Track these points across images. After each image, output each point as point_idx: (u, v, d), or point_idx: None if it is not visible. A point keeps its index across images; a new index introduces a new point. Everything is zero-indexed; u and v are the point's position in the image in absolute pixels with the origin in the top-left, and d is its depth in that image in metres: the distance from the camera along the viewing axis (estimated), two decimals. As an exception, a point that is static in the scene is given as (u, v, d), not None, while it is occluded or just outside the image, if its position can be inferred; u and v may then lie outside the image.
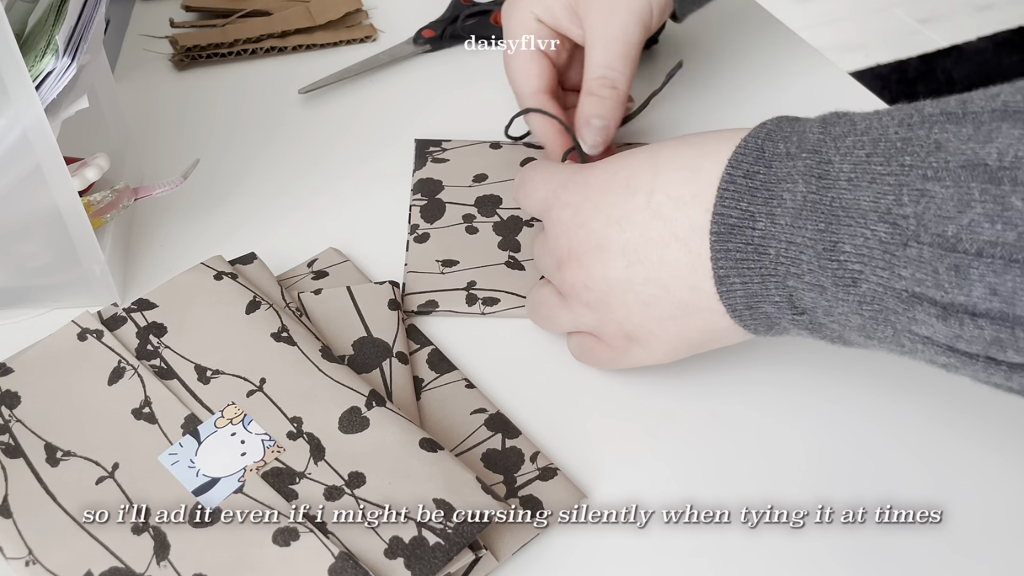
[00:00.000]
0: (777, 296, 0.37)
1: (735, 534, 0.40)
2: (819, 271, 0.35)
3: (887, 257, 0.33)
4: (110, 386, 0.41)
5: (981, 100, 0.32)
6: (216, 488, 0.38)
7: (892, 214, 0.32)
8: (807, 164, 0.35)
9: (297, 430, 0.40)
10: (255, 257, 0.48)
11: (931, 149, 0.32)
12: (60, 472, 0.39)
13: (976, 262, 0.30)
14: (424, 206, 0.54)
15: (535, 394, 0.45)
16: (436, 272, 0.50)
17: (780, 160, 0.36)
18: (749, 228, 0.36)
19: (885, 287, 0.33)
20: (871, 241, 0.33)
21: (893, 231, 0.32)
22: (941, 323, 0.32)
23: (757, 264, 0.36)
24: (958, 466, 0.43)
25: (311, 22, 0.69)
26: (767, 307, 0.37)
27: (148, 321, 0.44)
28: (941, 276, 0.31)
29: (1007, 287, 0.30)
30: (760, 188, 0.36)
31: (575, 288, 0.42)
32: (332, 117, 0.62)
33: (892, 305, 0.33)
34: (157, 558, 0.36)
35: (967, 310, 0.31)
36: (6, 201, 0.43)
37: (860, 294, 0.34)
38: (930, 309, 0.32)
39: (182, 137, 0.61)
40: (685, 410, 0.45)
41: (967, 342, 0.32)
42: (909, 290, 0.32)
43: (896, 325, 0.34)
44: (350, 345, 0.45)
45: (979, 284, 0.30)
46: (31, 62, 0.41)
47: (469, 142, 0.59)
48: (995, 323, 0.31)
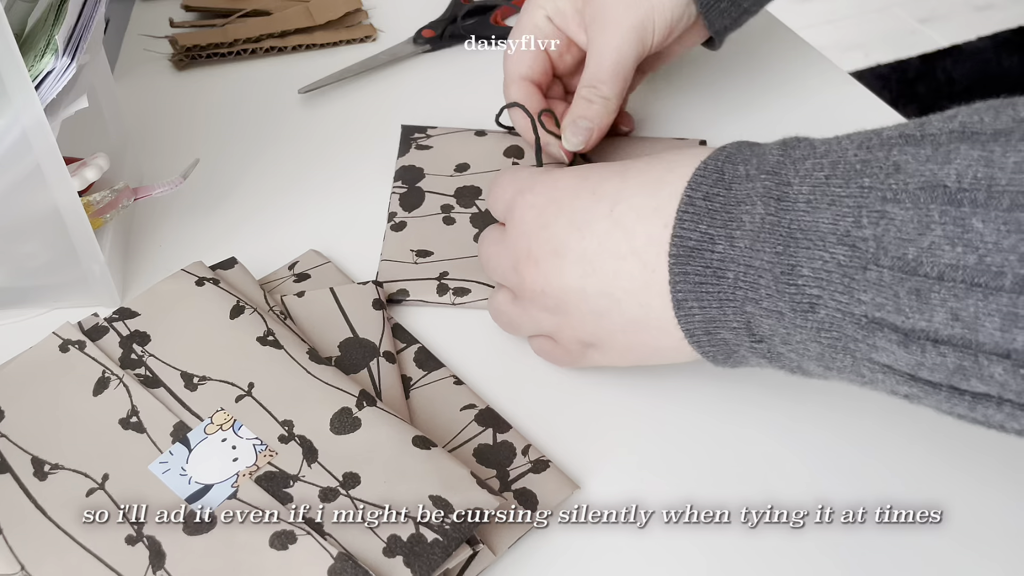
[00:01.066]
0: (735, 322, 0.36)
1: (733, 531, 0.40)
2: (777, 296, 0.34)
3: (846, 281, 0.32)
4: (95, 397, 0.41)
5: (939, 122, 0.32)
6: (209, 495, 0.38)
7: (851, 236, 0.32)
8: (766, 186, 0.35)
9: (288, 433, 0.40)
10: (236, 262, 0.48)
11: (890, 171, 0.31)
12: (49, 486, 0.38)
13: (937, 286, 0.30)
14: (404, 194, 0.54)
15: (523, 388, 0.45)
16: (410, 262, 0.50)
17: (739, 182, 0.36)
18: (708, 251, 0.36)
19: (844, 312, 0.32)
20: (829, 264, 0.32)
21: (852, 254, 0.32)
22: (903, 350, 0.31)
23: (715, 288, 0.36)
24: (958, 466, 0.42)
25: (311, 22, 0.69)
26: (725, 333, 0.37)
27: (131, 330, 0.44)
28: (902, 300, 0.30)
29: (969, 312, 0.29)
30: (719, 210, 0.36)
31: (533, 293, 0.42)
32: (332, 117, 0.62)
33: (851, 332, 0.32)
34: (153, 567, 0.36)
35: (929, 336, 0.30)
36: (6, 201, 0.43)
37: (818, 320, 0.33)
38: (891, 335, 0.31)
39: (182, 137, 0.61)
40: (676, 401, 0.45)
41: (929, 370, 0.31)
42: (869, 315, 0.32)
43: (855, 353, 0.33)
44: (336, 346, 0.45)
45: (940, 309, 0.30)
46: (31, 62, 0.41)
47: (454, 129, 0.59)
48: (958, 350, 0.30)
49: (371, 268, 0.51)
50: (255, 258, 0.51)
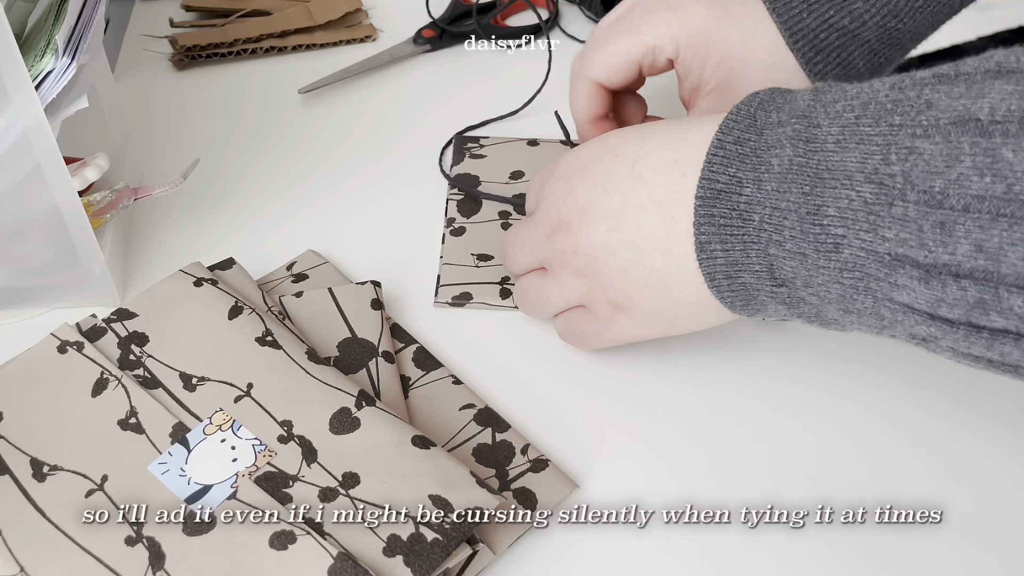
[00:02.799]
0: (757, 265, 0.36)
1: (733, 531, 0.40)
2: (801, 237, 0.34)
3: (871, 219, 0.32)
4: (94, 398, 0.41)
5: (974, 62, 0.32)
6: (209, 495, 0.38)
7: (879, 174, 0.32)
8: (796, 129, 0.35)
9: (288, 433, 0.40)
10: (234, 262, 0.48)
11: (921, 108, 0.31)
12: (48, 487, 0.38)
13: (963, 218, 0.30)
14: (461, 201, 0.55)
15: (522, 388, 0.45)
16: (471, 265, 0.51)
17: (771, 128, 0.36)
18: (736, 194, 0.36)
19: (868, 251, 0.32)
20: (856, 203, 0.32)
21: (879, 191, 0.32)
22: (923, 286, 0.31)
23: (740, 231, 0.36)
24: (958, 466, 0.42)
25: (311, 22, 0.69)
26: (746, 276, 0.37)
27: (129, 331, 0.44)
28: (926, 234, 0.31)
29: (993, 243, 0.29)
30: (750, 155, 0.36)
31: (564, 255, 0.42)
32: (332, 117, 0.62)
33: (874, 271, 0.33)
34: (152, 568, 0.36)
35: (951, 271, 0.30)
36: (6, 201, 0.43)
37: (842, 260, 0.33)
38: (912, 272, 0.31)
39: (182, 137, 0.61)
40: (676, 401, 0.45)
41: (949, 306, 0.31)
42: (892, 252, 0.32)
43: (877, 294, 0.33)
44: (335, 346, 0.45)
45: (964, 241, 0.30)
46: (31, 62, 0.41)
47: (507, 139, 0.60)
48: (978, 283, 0.30)
49: (370, 268, 0.51)
50: (254, 258, 0.51)
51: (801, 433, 0.44)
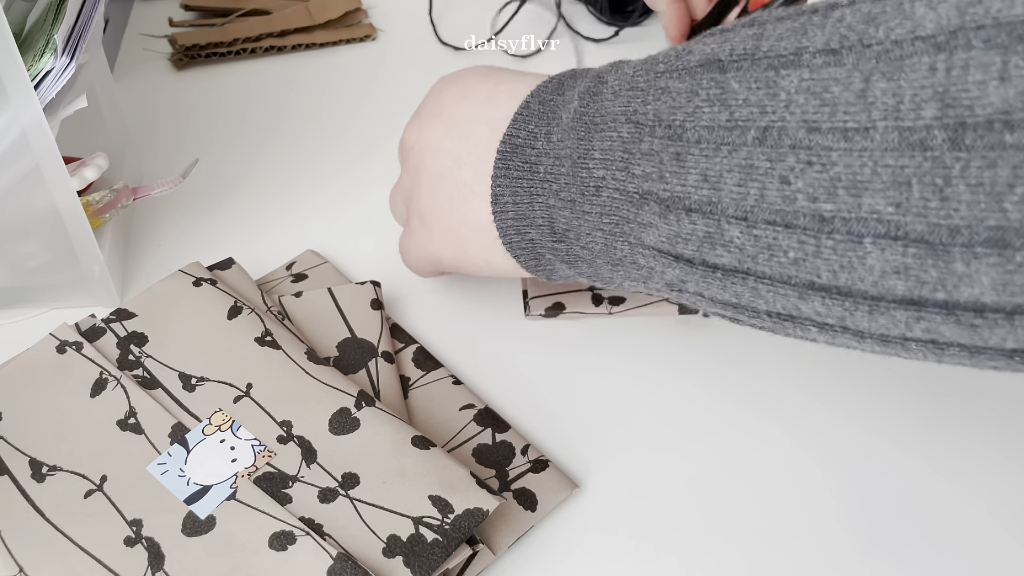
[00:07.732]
0: (540, 218, 0.37)
1: (733, 531, 0.40)
2: (572, 183, 0.35)
3: (625, 157, 0.33)
4: (93, 398, 0.41)
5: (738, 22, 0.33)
6: (208, 496, 0.38)
7: (636, 114, 0.33)
8: (587, 86, 0.36)
9: (287, 434, 0.40)
10: (233, 262, 0.48)
11: (681, 54, 0.33)
12: (47, 487, 0.38)
13: (695, 148, 0.31)
14: None
15: (522, 388, 0.45)
16: None
17: (571, 89, 0.37)
18: (529, 147, 0.37)
19: (621, 191, 0.34)
20: (615, 143, 0.34)
21: (634, 130, 0.33)
22: (662, 221, 0.32)
23: (528, 183, 0.37)
24: (958, 466, 0.42)
25: (310, 21, 0.69)
26: (532, 232, 0.38)
27: (128, 331, 0.44)
28: (665, 166, 0.32)
29: (715, 170, 0.30)
30: (547, 112, 0.37)
31: (406, 150, 0.43)
32: (331, 117, 0.62)
33: (626, 211, 0.34)
34: (152, 569, 0.36)
35: (683, 203, 0.31)
36: (5, 201, 0.43)
37: (601, 203, 0.34)
38: (655, 208, 0.32)
39: (181, 137, 0.61)
40: (677, 402, 0.45)
41: (684, 241, 0.32)
42: (640, 189, 0.33)
43: (631, 238, 0.34)
44: (335, 347, 0.45)
45: (694, 171, 0.31)
46: (30, 61, 0.41)
47: None
48: (705, 216, 0.31)
49: (369, 268, 0.51)
50: (253, 258, 0.51)
51: (801, 433, 0.44)
